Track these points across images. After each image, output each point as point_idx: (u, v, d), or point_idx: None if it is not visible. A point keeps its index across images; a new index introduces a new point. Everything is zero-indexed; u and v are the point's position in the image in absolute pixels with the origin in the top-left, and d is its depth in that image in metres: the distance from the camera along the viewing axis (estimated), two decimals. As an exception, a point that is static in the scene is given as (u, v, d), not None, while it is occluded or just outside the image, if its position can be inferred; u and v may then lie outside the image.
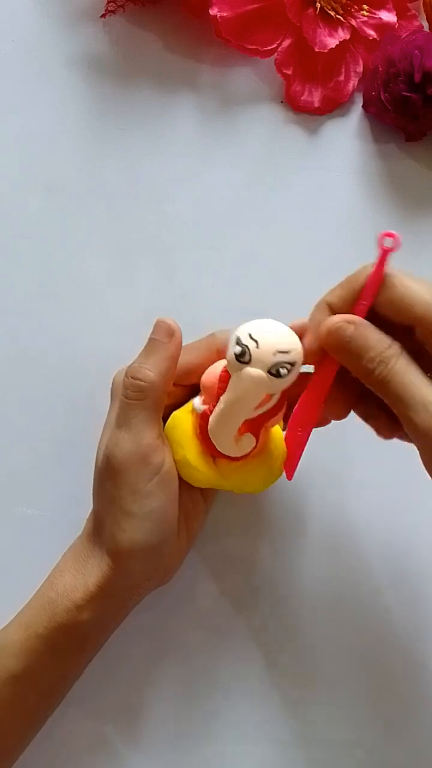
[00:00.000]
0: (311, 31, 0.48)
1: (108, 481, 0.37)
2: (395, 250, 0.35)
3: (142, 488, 0.36)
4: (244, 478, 0.39)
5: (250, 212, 0.49)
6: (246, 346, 0.34)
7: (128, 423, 0.37)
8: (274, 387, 0.35)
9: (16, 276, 0.48)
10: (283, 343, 0.35)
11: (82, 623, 0.37)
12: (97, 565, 0.37)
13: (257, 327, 0.35)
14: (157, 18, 0.51)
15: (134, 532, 0.36)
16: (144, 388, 0.37)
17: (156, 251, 0.48)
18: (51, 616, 0.37)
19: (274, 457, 0.39)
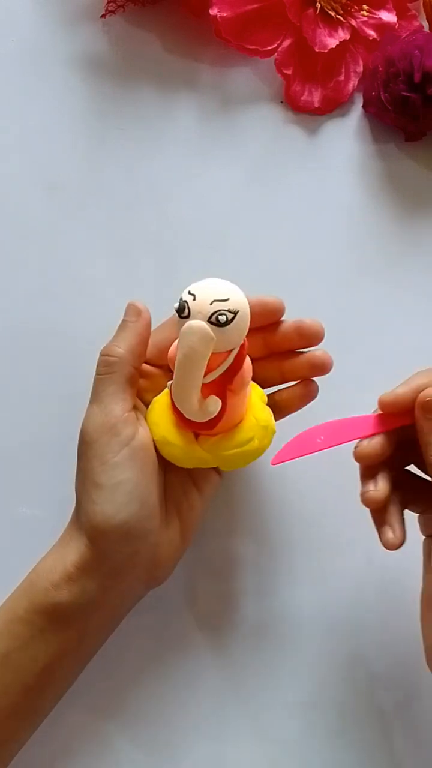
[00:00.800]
0: (311, 31, 0.48)
1: (82, 456, 0.38)
2: None
3: (110, 459, 0.37)
4: (226, 450, 0.38)
5: (249, 212, 0.49)
6: (185, 302, 0.35)
7: (98, 397, 0.38)
8: (219, 338, 0.34)
9: (16, 276, 0.48)
10: (219, 292, 0.35)
11: (61, 604, 0.36)
12: (76, 545, 0.37)
13: (197, 284, 0.35)
14: (156, 18, 0.51)
15: (104, 503, 0.36)
16: (112, 363, 0.38)
17: (156, 251, 0.48)
18: (30, 598, 0.37)
19: (254, 426, 0.38)
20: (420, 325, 0.48)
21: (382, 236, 0.49)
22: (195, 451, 0.38)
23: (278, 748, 0.42)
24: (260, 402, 0.39)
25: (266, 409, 0.39)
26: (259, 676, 0.43)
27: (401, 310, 0.48)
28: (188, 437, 0.38)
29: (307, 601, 0.44)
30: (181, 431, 0.38)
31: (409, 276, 0.49)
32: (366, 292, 0.48)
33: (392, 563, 0.44)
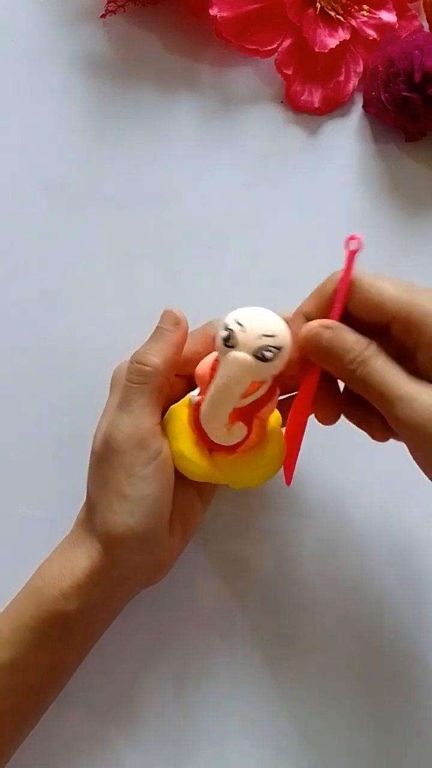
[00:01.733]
0: (311, 31, 0.48)
1: (105, 462, 0.37)
2: (360, 251, 0.36)
3: (138, 471, 0.36)
4: (241, 471, 0.39)
5: (250, 212, 0.49)
6: (231, 330, 0.35)
7: (129, 406, 0.37)
8: (260, 371, 0.35)
9: (16, 276, 0.48)
10: (268, 327, 0.35)
11: (69, 612, 0.36)
12: (86, 552, 0.37)
13: (244, 313, 0.35)
14: (157, 18, 0.51)
15: (126, 515, 0.36)
16: (147, 373, 0.37)
17: (156, 251, 0.48)
18: (38, 605, 0.36)
19: (271, 451, 0.39)
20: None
21: (383, 236, 0.49)
22: (210, 468, 0.39)
23: (278, 748, 0.42)
24: (277, 424, 0.40)
25: (280, 429, 0.40)
26: (261, 676, 0.43)
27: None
28: (204, 453, 0.39)
29: (309, 602, 0.44)
30: (199, 448, 0.38)
31: (409, 275, 0.48)
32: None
33: (393, 561, 0.44)
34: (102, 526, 0.37)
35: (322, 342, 0.35)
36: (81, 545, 0.37)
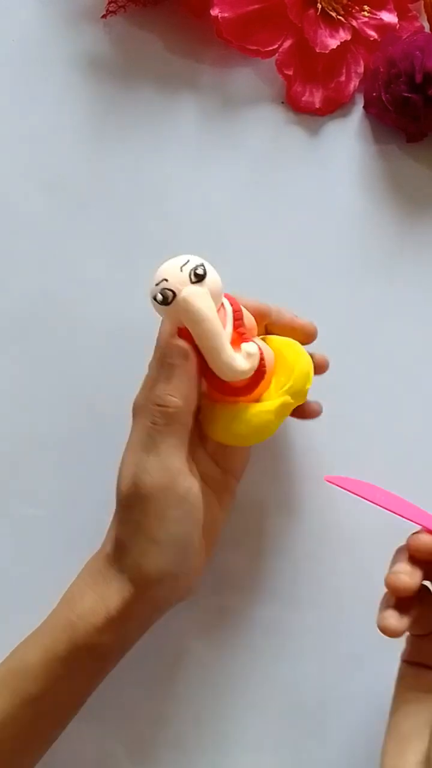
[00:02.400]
0: (312, 32, 0.48)
1: (134, 506, 0.37)
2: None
3: (169, 514, 0.36)
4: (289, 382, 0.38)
5: (250, 212, 0.49)
6: (160, 291, 0.36)
7: (156, 449, 0.36)
8: (211, 288, 0.36)
9: (16, 275, 0.48)
10: (175, 262, 0.37)
11: (102, 645, 0.37)
12: (119, 590, 0.37)
13: (155, 275, 0.37)
14: (157, 18, 0.51)
15: (159, 559, 0.36)
16: (171, 415, 0.37)
17: (156, 251, 0.48)
18: (71, 639, 0.36)
19: (292, 354, 0.39)
20: (421, 325, 0.48)
21: (383, 237, 0.49)
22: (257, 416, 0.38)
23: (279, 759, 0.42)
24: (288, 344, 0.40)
25: (294, 347, 0.40)
26: (260, 686, 0.43)
27: (402, 310, 0.48)
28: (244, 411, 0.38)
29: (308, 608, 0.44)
30: (235, 410, 0.38)
31: (410, 276, 0.49)
32: (367, 292, 0.48)
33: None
34: (135, 568, 0.37)
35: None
36: (113, 582, 0.37)
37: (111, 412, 0.45)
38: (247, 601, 0.44)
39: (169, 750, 0.42)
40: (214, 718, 0.43)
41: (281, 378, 0.39)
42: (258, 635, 0.44)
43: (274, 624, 0.44)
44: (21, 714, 0.36)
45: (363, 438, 0.46)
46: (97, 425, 0.46)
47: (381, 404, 0.47)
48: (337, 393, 0.45)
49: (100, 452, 0.45)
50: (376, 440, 0.46)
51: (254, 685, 0.43)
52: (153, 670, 0.43)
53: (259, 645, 0.44)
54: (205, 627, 0.44)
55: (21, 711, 0.36)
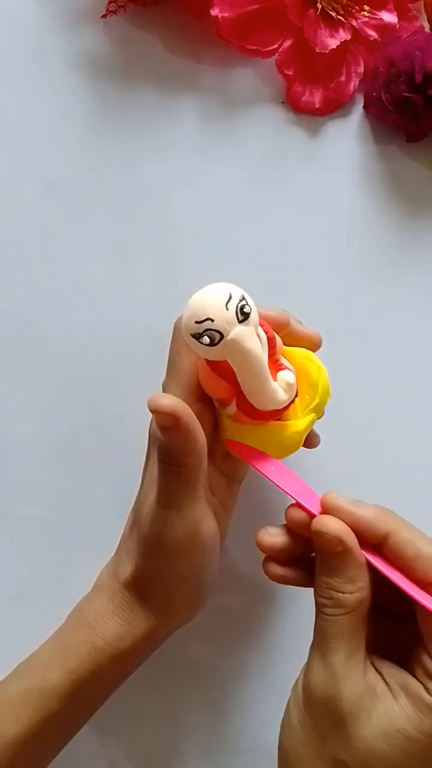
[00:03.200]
0: (312, 32, 0.48)
1: (160, 554, 0.37)
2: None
3: (196, 560, 0.37)
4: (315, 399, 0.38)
5: (250, 213, 0.49)
6: (208, 330, 0.33)
7: (176, 504, 0.36)
8: (255, 324, 0.35)
9: (16, 276, 0.48)
10: (221, 296, 0.34)
11: (124, 667, 0.38)
12: (145, 618, 0.38)
13: (195, 311, 0.34)
14: (157, 18, 0.51)
15: (186, 597, 0.38)
16: (183, 472, 0.36)
17: (156, 252, 0.48)
18: (96, 662, 0.37)
19: (312, 368, 0.38)
20: (421, 325, 0.48)
21: (384, 237, 0.49)
22: (287, 436, 0.38)
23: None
24: (301, 355, 0.39)
25: (307, 354, 0.39)
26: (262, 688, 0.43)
27: (402, 310, 0.48)
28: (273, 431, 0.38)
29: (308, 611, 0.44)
30: (263, 431, 0.38)
31: (410, 277, 0.49)
32: (367, 292, 0.48)
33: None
34: (163, 604, 0.38)
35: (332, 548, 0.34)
36: (137, 610, 0.38)
37: (111, 412, 0.45)
38: (247, 602, 0.44)
39: (169, 753, 0.42)
40: (215, 721, 0.43)
41: (305, 396, 0.38)
42: (259, 637, 0.44)
43: (275, 625, 0.44)
44: (41, 731, 0.37)
45: (362, 438, 0.46)
46: (97, 425, 0.46)
47: (381, 404, 0.47)
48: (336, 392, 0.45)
49: (100, 452, 0.45)
50: (375, 441, 0.46)
51: (255, 688, 0.43)
52: (154, 673, 0.43)
53: (261, 646, 0.44)
54: (207, 629, 0.44)
55: (42, 728, 0.37)
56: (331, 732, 0.32)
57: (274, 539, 0.36)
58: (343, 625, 0.33)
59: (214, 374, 0.36)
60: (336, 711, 0.32)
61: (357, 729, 0.32)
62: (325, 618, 0.34)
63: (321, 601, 0.34)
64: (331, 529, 0.34)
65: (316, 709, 0.33)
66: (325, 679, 0.33)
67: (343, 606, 0.33)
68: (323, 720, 0.33)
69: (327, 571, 0.34)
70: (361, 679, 0.32)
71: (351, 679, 0.32)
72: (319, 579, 0.34)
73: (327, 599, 0.34)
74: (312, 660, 0.34)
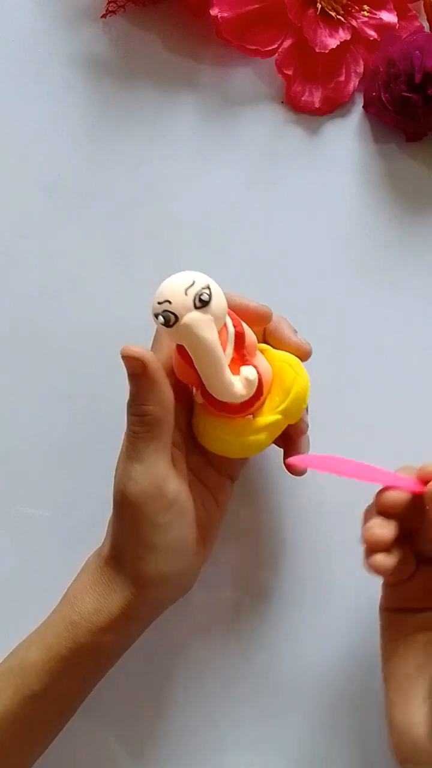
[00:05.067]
0: (312, 32, 0.48)
1: (125, 514, 0.37)
2: None
3: (160, 520, 0.37)
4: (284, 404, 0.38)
5: (250, 212, 0.49)
6: (165, 311, 0.35)
7: (139, 456, 0.37)
8: (214, 314, 0.35)
9: (16, 276, 0.48)
10: (182, 283, 0.35)
11: (104, 644, 0.37)
12: (120, 590, 0.37)
13: (158, 294, 0.36)
14: (157, 18, 0.51)
15: (158, 563, 0.37)
16: (148, 422, 0.37)
17: (156, 251, 0.48)
18: (74, 638, 0.37)
19: (287, 375, 0.38)
20: (420, 325, 0.48)
21: (383, 236, 0.49)
22: (248, 433, 0.38)
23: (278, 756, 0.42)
24: (280, 357, 0.39)
25: (287, 357, 0.39)
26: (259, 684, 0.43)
27: (402, 310, 0.48)
28: (235, 426, 0.38)
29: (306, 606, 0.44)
30: (233, 425, 0.38)
31: (409, 276, 0.49)
32: (366, 292, 0.48)
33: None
34: (133, 572, 0.37)
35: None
36: (113, 583, 0.38)
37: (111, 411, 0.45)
38: (244, 598, 0.44)
39: (166, 746, 0.42)
40: (212, 715, 0.43)
41: (276, 397, 0.39)
42: (256, 632, 0.44)
43: (273, 621, 0.44)
44: (22, 711, 0.36)
45: (361, 439, 0.46)
46: (97, 425, 0.46)
47: (380, 404, 0.47)
48: (336, 392, 0.45)
49: (100, 452, 0.45)
50: (374, 442, 0.46)
51: (253, 683, 0.43)
52: (151, 667, 0.43)
53: (258, 642, 0.44)
54: (203, 624, 0.44)
55: (22, 708, 0.36)
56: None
57: (385, 531, 0.35)
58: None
59: (181, 360, 0.37)
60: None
61: None
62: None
63: None
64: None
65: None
66: None
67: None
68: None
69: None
70: None
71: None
72: None
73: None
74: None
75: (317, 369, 0.40)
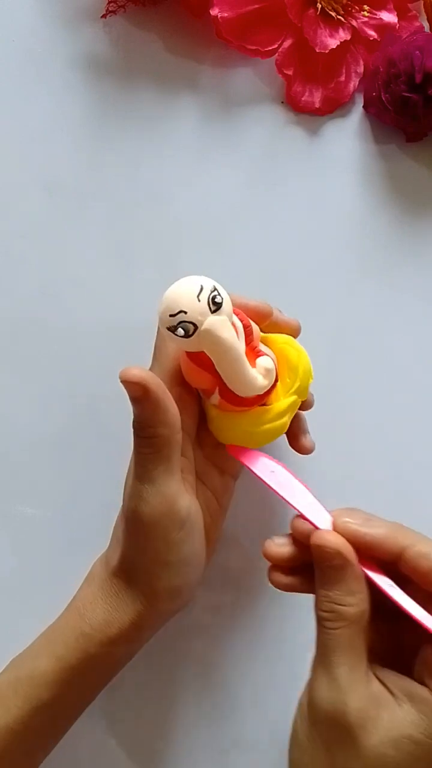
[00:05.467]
0: (312, 32, 0.48)
1: (139, 533, 0.37)
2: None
3: (173, 537, 0.37)
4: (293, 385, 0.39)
5: (250, 213, 0.49)
6: (182, 322, 0.35)
7: (149, 476, 0.37)
8: (227, 314, 0.35)
9: (16, 276, 0.48)
10: (192, 289, 0.35)
11: (113, 654, 0.38)
12: (132, 603, 0.37)
13: (168, 304, 0.35)
14: (157, 18, 0.51)
15: (170, 578, 0.37)
16: (155, 443, 0.36)
17: (156, 251, 0.48)
18: (84, 649, 0.37)
19: (292, 355, 0.39)
20: (420, 325, 0.48)
21: (383, 236, 0.49)
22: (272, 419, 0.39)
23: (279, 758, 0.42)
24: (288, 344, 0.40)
25: (294, 346, 0.40)
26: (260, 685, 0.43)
27: (402, 310, 0.48)
28: (258, 416, 0.39)
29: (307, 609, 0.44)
30: (248, 416, 0.38)
31: (409, 276, 0.49)
32: (367, 292, 0.48)
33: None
34: (147, 587, 0.37)
35: (330, 560, 0.34)
36: (124, 595, 0.38)
37: (111, 411, 0.45)
38: (246, 600, 0.44)
39: (168, 749, 0.42)
40: (213, 716, 0.43)
41: (287, 379, 0.39)
42: (256, 632, 0.44)
43: (273, 623, 0.44)
44: (32, 720, 0.37)
45: (360, 438, 0.46)
46: (97, 425, 0.46)
47: (380, 404, 0.47)
48: (336, 391, 0.45)
49: (101, 452, 0.45)
50: (372, 441, 0.46)
51: (253, 684, 0.43)
52: (151, 668, 0.43)
53: (259, 644, 0.44)
54: (205, 626, 0.44)
55: (32, 717, 0.37)
56: (339, 745, 0.32)
57: (280, 549, 0.36)
58: (344, 638, 0.33)
59: (195, 366, 0.37)
60: (343, 724, 0.32)
61: (365, 739, 0.32)
62: (326, 632, 0.34)
63: (322, 615, 0.34)
64: (330, 543, 0.34)
65: (323, 724, 0.33)
66: (329, 694, 0.33)
67: (343, 618, 0.33)
68: (331, 733, 0.33)
69: (327, 583, 0.34)
70: (365, 691, 0.33)
71: (355, 691, 0.32)
72: (319, 592, 0.34)
73: (328, 612, 0.34)
74: (315, 675, 0.34)
75: (317, 369, 0.40)
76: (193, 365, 0.37)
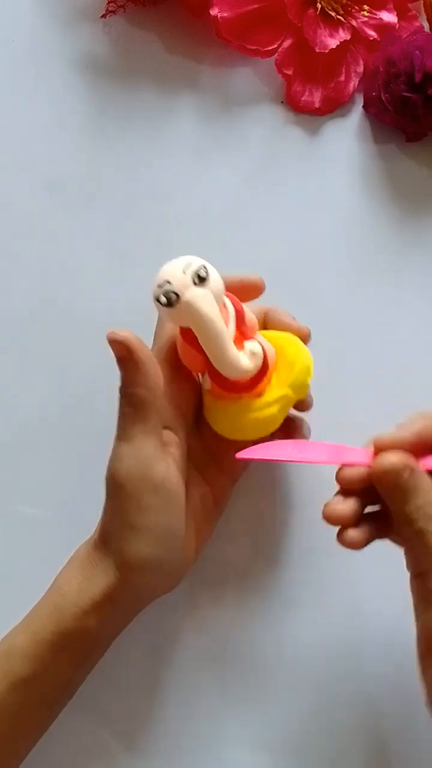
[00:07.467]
0: (312, 32, 0.48)
1: (114, 494, 0.37)
2: None
3: (146, 501, 0.36)
4: (289, 376, 0.39)
5: (250, 212, 0.49)
6: (167, 292, 0.36)
7: (127, 436, 0.37)
8: (213, 290, 0.36)
9: (16, 276, 0.48)
10: (180, 263, 0.37)
11: (88, 629, 0.37)
12: (104, 573, 0.37)
13: (157, 277, 0.37)
14: (157, 18, 0.51)
15: (140, 544, 0.37)
16: (136, 402, 0.37)
17: (156, 251, 0.48)
18: (58, 622, 0.37)
19: (292, 348, 0.39)
20: (420, 325, 0.48)
21: (383, 236, 0.49)
22: (261, 408, 0.39)
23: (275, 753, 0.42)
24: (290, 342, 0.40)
25: (295, 343, 0.40)
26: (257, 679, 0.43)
27: (401, 310, 0.48)
28: (247, 403, 0.39)
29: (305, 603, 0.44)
30: (237, 403, 0.39)
31: (409, 276, 0.49)
32: (366, 292, 0.48)
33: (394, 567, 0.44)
34: (117, 554, 0.37)
35: (399, 478, 0.35)
36: (98, 566, 0.38)
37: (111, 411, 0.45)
38: (243, 594, 0.44)
39: (164, 742, 0.42)
40: (210, 711, 0.43)
41: (282, 373, 0.39)
42: (254, 628, 0.44)
43: (272, 620, 0.44)
44: (10, 698, 0.36)
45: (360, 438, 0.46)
46: (98, 425, 0.45)
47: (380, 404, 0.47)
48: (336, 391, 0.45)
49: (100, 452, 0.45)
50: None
51: (250, 678, 0.43)
52: (149, 663, 0.43)
53: (256, 638, 0.43)
54: (201, 620, 0.44)
55: (10, 695, 0.36)
56: None
57: (344, 506, 0.36)
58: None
59: (187, 344, 0.38)
60: None
61: None
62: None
63: (422, 528, 0.34)
64: (394, 460, 0.35)
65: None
66: None
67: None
68: None
69: (410, 499, 0.34)
70: None
71: None
72: (404, 512, 0.34)
73: (425, 518, 0.34)
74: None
75: (317, 368, 0.40)
76: (185, 344, 0.38)
